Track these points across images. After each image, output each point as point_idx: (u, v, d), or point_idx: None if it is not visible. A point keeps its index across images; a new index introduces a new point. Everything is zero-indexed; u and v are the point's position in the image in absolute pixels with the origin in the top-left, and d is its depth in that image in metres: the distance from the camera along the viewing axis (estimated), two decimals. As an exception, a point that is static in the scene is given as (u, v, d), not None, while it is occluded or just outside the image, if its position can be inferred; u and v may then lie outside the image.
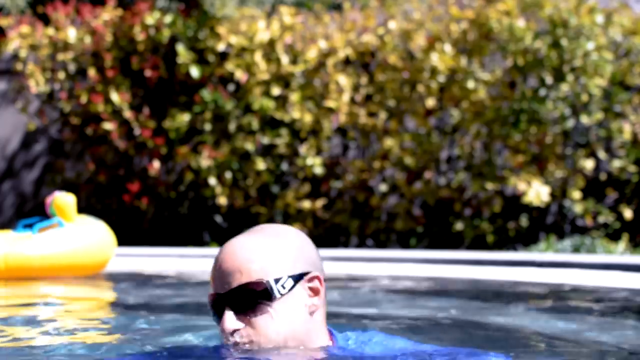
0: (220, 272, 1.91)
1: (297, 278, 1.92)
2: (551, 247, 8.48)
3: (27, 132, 10.48)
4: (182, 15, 9.90)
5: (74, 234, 5.45)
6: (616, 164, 9.35)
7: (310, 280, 1.95)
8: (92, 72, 9.76)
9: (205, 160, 9.44)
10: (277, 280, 1.89)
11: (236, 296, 1.89)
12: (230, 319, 1.89)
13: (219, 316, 1.92)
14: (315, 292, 1.95)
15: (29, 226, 5.48)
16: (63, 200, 5.44)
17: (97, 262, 5.56)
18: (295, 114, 9.40)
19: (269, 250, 1.92)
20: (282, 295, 1.90)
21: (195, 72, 9.63)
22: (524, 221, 9.40)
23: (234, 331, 1.89)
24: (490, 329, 2.71)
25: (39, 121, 10.18)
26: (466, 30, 9.38)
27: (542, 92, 9.14)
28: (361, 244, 9.72)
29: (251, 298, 1.88)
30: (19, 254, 5.20)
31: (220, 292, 1.90)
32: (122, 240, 6.50)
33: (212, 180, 9.48)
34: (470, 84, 9.18)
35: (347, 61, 9.79)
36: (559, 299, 4.57)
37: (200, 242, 9.82)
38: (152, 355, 2.05)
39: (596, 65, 9.00)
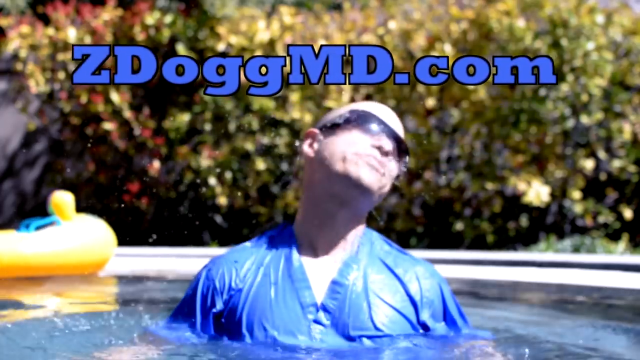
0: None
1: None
2: (551, 247, 8.48)
3: (27, 132, 10.48)
4: (182, 15, 9.90)
5: (72, 232, 5.44)
6: (616, 164, 9.35)
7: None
8: (92, 72, 9.75)
9: (205, 160, 9.44)
10: None
11: None
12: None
13: None
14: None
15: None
16: (61, 199, 5.44)
17: (96, 260, 5.55)
18: (295, 114, 9.40)
19: None
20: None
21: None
22: (524, 221, 9.40)
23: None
24: (489, 330, 2.71)
25: (39, 121, 10.18)
26: (466, 30, 9.37)
27: (542, 92, 9.14)
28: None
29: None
30: (16, 252, 5.17)
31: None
32: (122, 240, 6.50)
33: (212, 180, 9.47)
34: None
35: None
36: (558, 300, 4.56)
37: (200, 242, 9.81)
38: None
39: (596, 65, 9.00)
